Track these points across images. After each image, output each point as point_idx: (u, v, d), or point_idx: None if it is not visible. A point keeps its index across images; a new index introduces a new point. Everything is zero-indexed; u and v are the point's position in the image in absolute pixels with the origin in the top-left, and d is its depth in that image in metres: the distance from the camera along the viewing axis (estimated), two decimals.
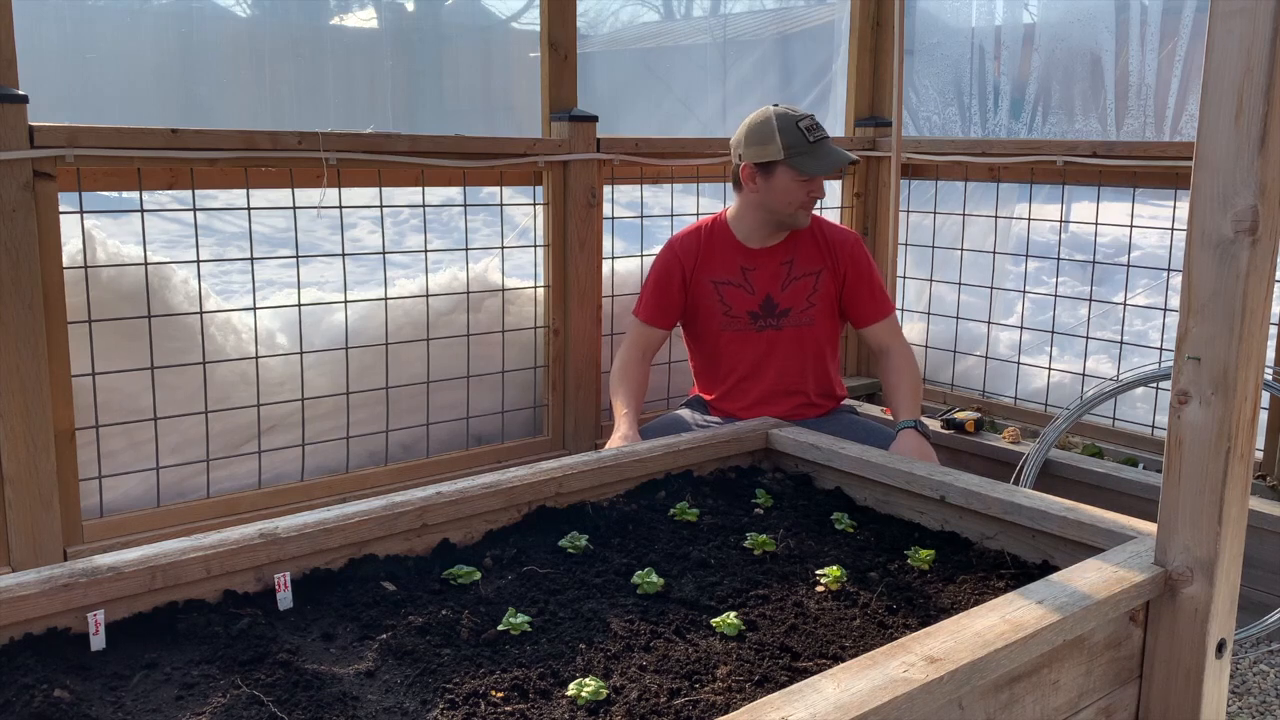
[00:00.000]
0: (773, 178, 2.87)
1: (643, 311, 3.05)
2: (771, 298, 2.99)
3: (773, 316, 2.99)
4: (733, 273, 2.99)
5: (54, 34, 2.68)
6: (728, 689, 1.64)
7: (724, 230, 3.03)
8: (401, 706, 1.60)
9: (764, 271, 2.99)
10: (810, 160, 2.84)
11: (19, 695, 1.54)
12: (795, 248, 3.01)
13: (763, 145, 2.86)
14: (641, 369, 3.03)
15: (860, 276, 3.05)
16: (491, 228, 3.21)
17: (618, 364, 3.03)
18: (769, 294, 2.98)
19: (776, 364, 3.02)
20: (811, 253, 3.02)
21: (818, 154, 2.85)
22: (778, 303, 2.99)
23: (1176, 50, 3.28)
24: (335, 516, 2.04)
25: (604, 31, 4.07)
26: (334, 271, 2.87)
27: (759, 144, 2.86)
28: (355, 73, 3.23)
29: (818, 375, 3.09)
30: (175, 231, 2.93)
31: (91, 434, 2.55)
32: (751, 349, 3.01)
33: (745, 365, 3.03)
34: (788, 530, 2.29)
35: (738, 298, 2.99)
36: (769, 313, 2.99)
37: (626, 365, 3.01)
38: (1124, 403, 3.38)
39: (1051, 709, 1.72)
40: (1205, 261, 1.70)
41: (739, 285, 2.98)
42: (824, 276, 3.02)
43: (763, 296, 2.98)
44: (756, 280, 2.99)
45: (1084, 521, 2.10)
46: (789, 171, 2.85)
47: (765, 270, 2.99)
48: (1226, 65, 1.62)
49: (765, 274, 2.99)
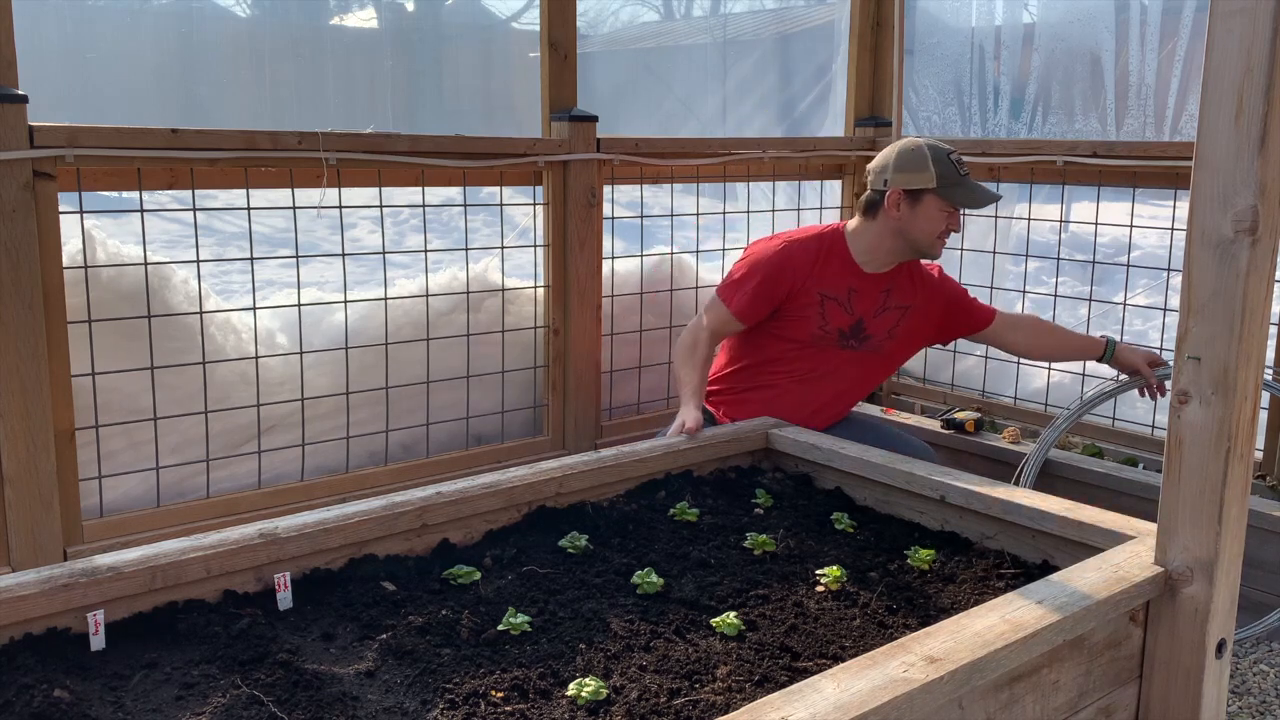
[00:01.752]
0: (919, 205, 2.87)
1: (735, 302, 2.94)
2: (863, 322, 2.99)
3: (857, 339, 3.00)
4: (841, 290, 2.97)
5: (54, 34, 2.68)
6: (728, 689, 1.64)
7: (841, 246, 3.00)
8: (401, 706, 1.60)
9: (866, 296, 2.99)
10: (962, 192, 2.86)
11: (19, 695, 1.54)
12: (895, 279, 3.01)
13: (915, 172, 2.85)
14: (711, 350, 2.99)
15: (958, 303, 3.14)
16: (491, 228, 3.21)
17: (689, 339, 2.95)
18: (862, 318, 2.99)
19: (837, 383, 3.03)
20: (907, 288, 3.04)
21: (968, 187, 2.88)
22: (866, 327, 3.00)
23: (1176, 50, 3.28)
24: (335, 516, 2.04)
25: (604, 31, 4.07)
26: (334, 271, 2.87)
27: (911, 170, 2.86)
28: (355, 73, 3.22)
29: (852, 399, 3.14)
30: (175, 231, 2.93)
31: (91, 434, 2.55)
32: (826, 364, 3.00)
33: (812, 376, 3.00)
34: (788, 530, 2.29)
35: (836, 315, 2.98)
36: (855, 334, 3.00)
37: (698, 344, 2.93)
38: (1124, 402, 3.38)
39: (1051, 709, 1.72)
40: (1205, 261, 1.70)
41: (842, 304, 2.98)
42: (911, 313, 3.04)
43: (856, 319, 2.99)
44: (858, 303, 2.98)
45: (1084, 521, 2.10)
46: (938, 201, 2.85)
47: (868, 295, 2.99)
48: (1226, 65, 1.63)
49: (866, 298, 2.99)
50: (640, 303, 3.52)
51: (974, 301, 3.18)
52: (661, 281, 3.55)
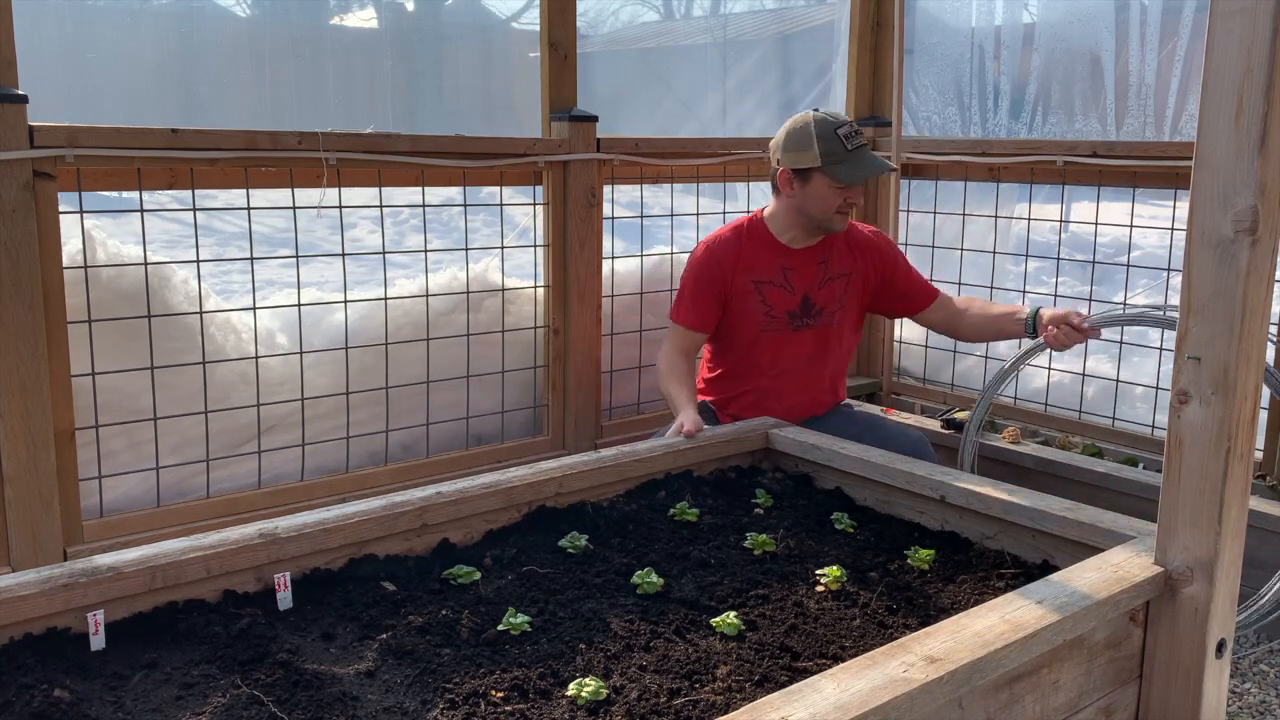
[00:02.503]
0: (809, 184, 2.87)
1: (683, 317, 3.00)
2: (809, 297, 3.00)
3: (809, 316, 3.00)
4: (774, 272, 2.98)
5: (54, 34, 2.68)
6: (728, 689, 1.64)
7: (762, 229, 3.02)
8: (401, 706, 1.60)
9: (802, 271, 2.99)
10: (846, 169, 2.84)
11: (19, 695, 1.54)
12: (830, 248, 3.02)
13: (800, 151, 2.85)
14: (688, 364, 3.01)
15: (899, 269, 3.11)
16: (491, 228, 3.21)
17: (664, 364, 2.99)
18: (807, 294, 2.99)
19: (807, 363, 3.04)
20: (844, 255, 3.04)
21: (854, 162, 2.85)
22: (814, 302, 3.00)
23: (1176, 50, 3.28)
24: (335, 516, 2.04)
25: (604, 31, 4.07)
26: (334, 271, 2.87)
27: (797, 150, 2.86)
28: (355, 73, 3.22)
29: (833, 375, 3.12)
30: (175, 231, 2.93)
31: (91, 434, 2.55)
32: (789, 350, 3.01)
33: (781, 364, 3.02)
34: (788, 530, 2.29)
35: (779, 297, 2.98)
36: (806, 312, 3.00)
37: (674, 364, 2.97)
38: (1124, 402, 3.38)
39: (1051, 709, 1.72)
40: (1205, 261, 1.70)
41: (780, 285, 2.98)
42: (854, 280, 3.05)
43: (801, 296, 2.99)
44: (796, 280, 2.99)
45: (1084, 521, 2.10)
46: (825, 179, 2.85)
47: (804, 270, 2.99)
48: (1226, 65, 1.63)
49: (803, 274, 2.99)
50: (640, 303, 3.52)
51: (916, 281, 3.14)
52: (661, 281, 3.55)
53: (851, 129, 2.88)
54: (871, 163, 2.89)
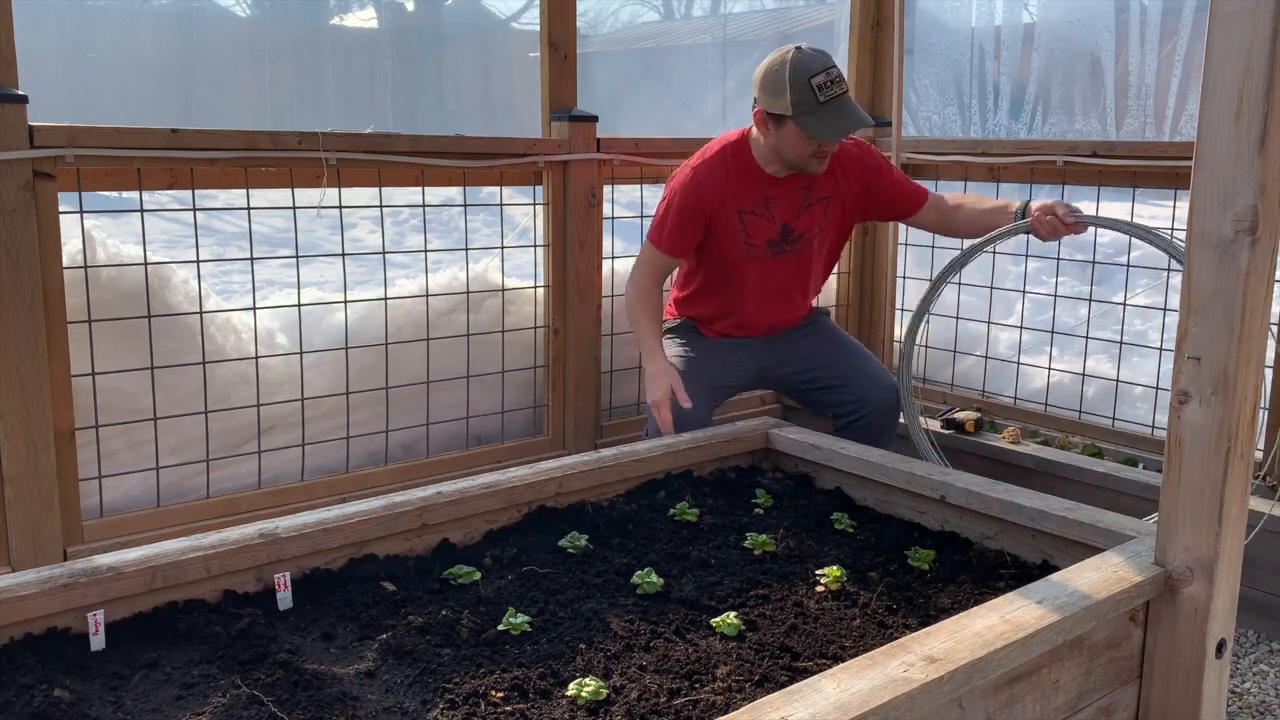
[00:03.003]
0: (782, 129, 2.81)
1: (664, 242, 2.95)
2: (789, 225, 2.96)
3: (789, 242, 2.98)
4: (756, 202, 2.94)
5: (54, 34, 2.68)
6: (728, 689, 1.64)
7: (746, 155, 2.96)
8: (401, 706, 1.60)
9: (784, 200, 2.95)
10: (816, 122, 2.74)
11: (19, 695, 1.54)
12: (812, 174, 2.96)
13: (774, 96, 2.77)
14: (659, 293, 3.02)
15: (882, 178, 3.03)
16: (491, 228, 3.21)
17: (636, 290, 2.97)
18: (787, 222, 2.96)
19: (785, 284, 3.04)
20: (825, 178, 2.98)
21: (826, 116, 2.74)
22: (794, 229, 2.97)
23: (1176, 50, 3.28)
24: (335, 516, 2.04)
25: (604, 31, 4.07)
26: (334, 271, 2.87)
27: (771, 93, 2.77)
28: (355, 73, 3.22)
29: (814, 289, 3.17)
30: (175, 231, 2.93)
31: (91, 434, 2.55)
32: (768, 274, 3.00)
33: (758, 289, 3.01)
34: (788, 530, 2.29)
35: (759, 227, 2.95)
36: (785, 238, 2.97)
37: (646, 291, 2.95)
38: (1124, 402, 3.38)
39: (1051, 709, 1.72)
40: (1205, 261, 1.70)
41: (761, 215, 2.95)
42: (834, 202, 3.01)
43: (781, 224, 2.96)
44: (777, 209, 2.95)
45: (1084, 521, 2.10)
46: (795, 127, 2.77)
47: (785, 199, 2.95)
48: (1226, 65, 1.63)
49: (784, 203, 2.95)
50: None
51: (902, 186, 3.08)
52: None
53: (828, 77, 2.73)
54: (845, 117, 2.76)
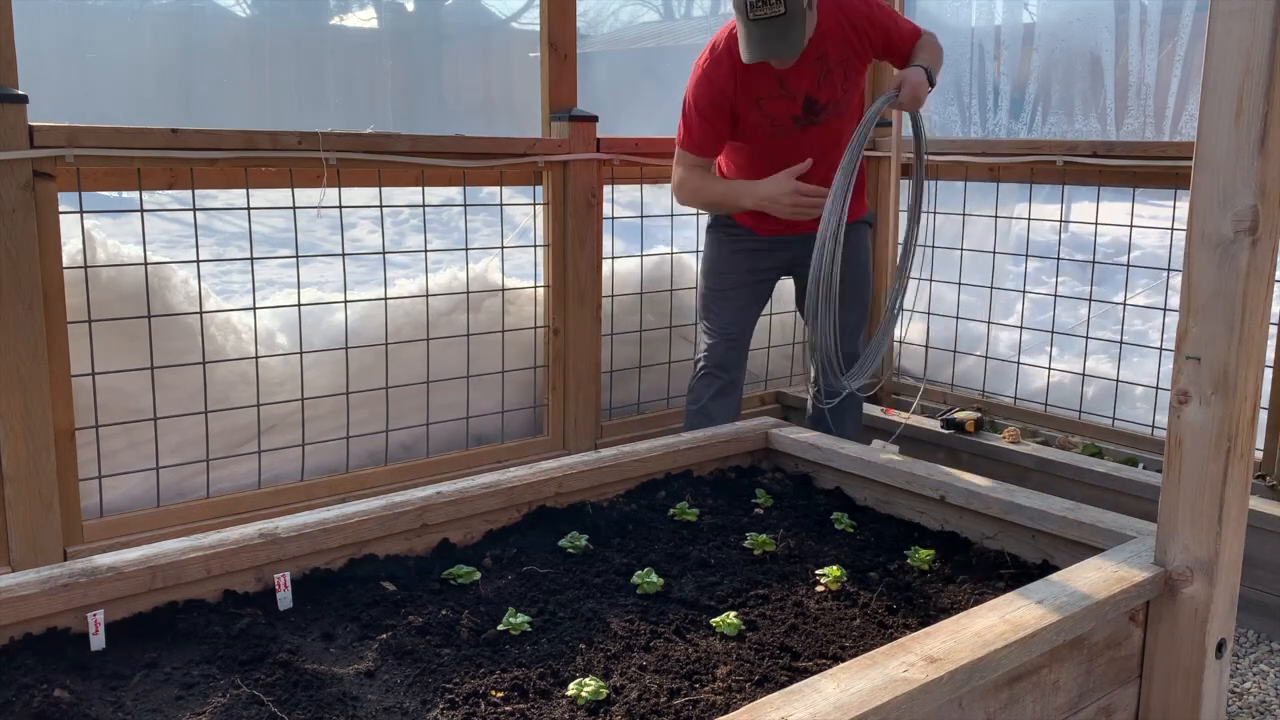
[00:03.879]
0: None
1: (694, 146, 2.94)
2: (811, 97, 2.89)
3: (814, 114, 2.92)
4: (770, 86, 2.88)
5: (54, 34, 2.68)
6: (728, 689, 1.64)
7: None
8: (401, 706, 1.60)
9: (799, 76, 2.86)
10: (740, 41, 2.68)
11: (19, 695, 1.54)
12: (825, 40, 2.84)
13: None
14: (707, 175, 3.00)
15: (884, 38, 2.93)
16: (491, 228, 3.21)
17: (694, 185, 2.96)
18: (808, 94, 2.89)
19: (821, 156, 2.92)
20: (840, 39, 2.87)
21: (746, 37, 2.65)
22: (817, 98, 2.90)
23: (1176, 50, 3.28)
24: (335, 516, 2.04)
25: (604, 31, 4.07)
26: (334, 271, 2.87)
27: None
28: (355, 73, 3.22)
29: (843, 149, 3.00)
30: (175, 231, 2.93)
31: (91, 434, 2.55)
32: (798, 147, 2.93)
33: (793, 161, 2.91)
34: (788, 530, 2.29)
35: (779, 108, 2.91)
36: (810, 111, 2.91)
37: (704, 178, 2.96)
38: (1124, 402, 3.38)
39: (1051, 709, 1.72)
40: (1205, 261, 1.70)
41: (778, 97, 2.89)
42: (852, 62, 2.91)
43: (803, 99, 2.89)
44: (794, 85, 2.87)
45: (1084, 521, 2.10)
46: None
47: (800, 74, 2.86)
48: (1226, 65, 1.63)
49: (801, 78, 2.87)
50: (640, 303, 3.52)
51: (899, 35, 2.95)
52: (661, 281, 3.55)
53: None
54: (756, 43, 2.64)
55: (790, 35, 2.64)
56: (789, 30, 2.63)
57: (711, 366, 3.10)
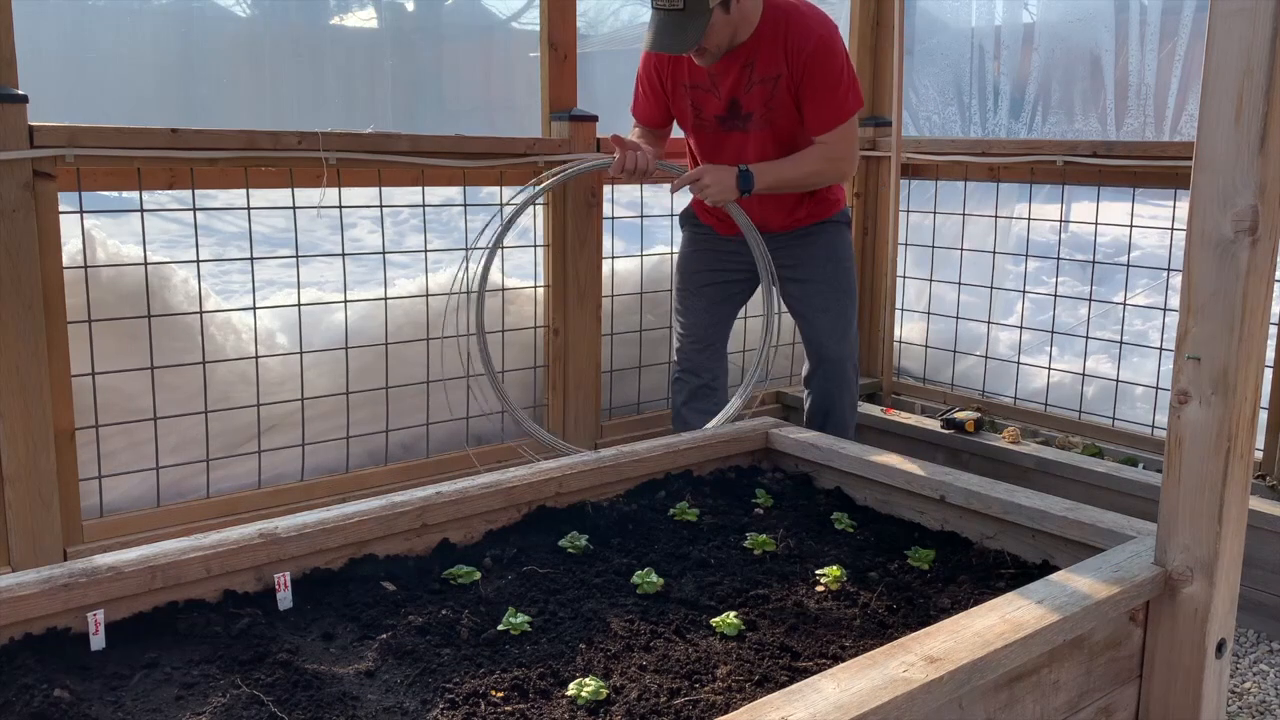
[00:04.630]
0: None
1: (636, 111, 3.05)
2: (736, 100, 2.86)
3: (738, 119, 2.89)
4: (701, 76, 2.88)
5: (54, 34, 2.67)
6: (728, 689, 1.64)
7: None
8: (401, 706, 1.60)
9: (725, 76, 2.85)
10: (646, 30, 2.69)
11: (19, 695, 1.54)
12: (757, 50, 2.78)
13: None
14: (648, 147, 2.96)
15: (805, 91, 2.77)
16: (491, 228, 3.20)
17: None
18: (734, 97, 2.86)
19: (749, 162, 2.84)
20: (772, 56, 2.77)
21: (649, 25, 2.67)
22: (741, 105, 2.86)
23: (1176, 50, 3.28)
24: (335, 516, 2.04)
25: (604, 31, 4.06)
26: (334, 271, 2.87)
27: None
28: (355, 73, 3.22)
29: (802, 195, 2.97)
30: (175, 231, 2.93)
31: (91, 434, 2.55)
32: (723, 150, 2.92)
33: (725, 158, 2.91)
34: (788, 530, 2.29)
35: (706, 101, 2.91)
36: (734, 115, 2.88)
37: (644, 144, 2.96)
38: (1124, 402, 3.38)
39: (1051, 709, 1.72)
40: (1205, 261, 1.70)
41: (708, 90, 2.89)
42: (781, 83, 2.79)
43: (727, 100, 2.87)
44: (722, 84, 2.86)
45: (1084, 521, 2.10)
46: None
47: (729, 74, 2.84)
48: (1226, 65, 1.63)
49: (729, 78, 2.85)
50: (640, 303, 3.52)
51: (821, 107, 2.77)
52: (661, 281, 3.55)
53: None
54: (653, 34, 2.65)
55: (682, 32, 2.64)
56: (683, 27, 2.63)
57: (682, 370, 3.13)
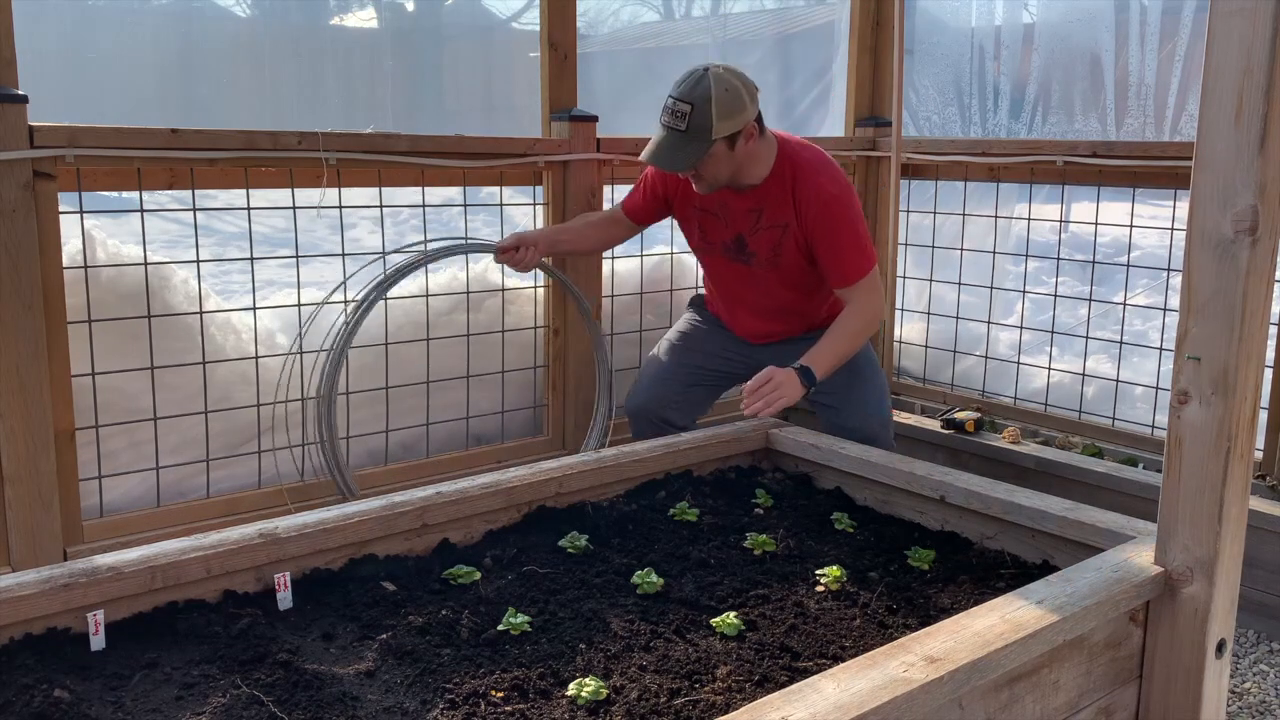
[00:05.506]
0: None
1: (629, 202, 3.06)
2: (742, 237, 2.90)
3: (743, 254, 2.92)
4: (712, 203, 2.90)
5: (54, 34, 2.67)
6: (728, 689, 1.64)
7: None
8: (401, 706, 1.60)
9: (737, 212, 2.88)
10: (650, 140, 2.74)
11: (19, 695, 1.54)
12: (765, 197, 2.81)
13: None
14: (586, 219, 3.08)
15: (821, 246, 2.79)
16: (491, 228, 3.21)
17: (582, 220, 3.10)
18: (740, 233, 2.89)
19: (754, 293, 2.94)
20: (781, 206, 2.80)
21: (653, 137, 2.72)
22: (747, 244, 2.90)
23: (1176, 50, 3.28)
24: (335, 516, 2.04)
25: (604, 31, 4.07)
26: (334, 271, 2.87)
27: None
28: (355, 73, 3.22)
29: (803, 309, 2.98)
30: (175, 231, 2.93)
31: (91, 434, 2.54)
32: (730, 273, 2.96)
33: (727, 290, 3.01)
34: (788, 530, 2.29)
35: (714, 227, 2.93)
36: (739, 250, 2.92)
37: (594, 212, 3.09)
38: (1124, 402, 3.38)
39: (1051, 709, 1.72)
40: (1205, 261, 1.70)
41: (717, 215, 2.91)
42: (790, 231, 2.81)
43: (734, 233, 2.90)
44: (731, 216, 2.89)
45: (1084, 521, 2.10)
46: None
47: (738, 211, 2.88)
48: (1226, 65, 1.62)
49: (738, 214, 2.88)
50: (640, 303, 3.52)
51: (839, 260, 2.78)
52: (661, 281, 3.55)
53: (670, 101, 2.65)
54: (652, 147, 2.71)
55: (679, 153, 2.67)
56: (682, 148, 2.66)
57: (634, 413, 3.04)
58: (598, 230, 3.08)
